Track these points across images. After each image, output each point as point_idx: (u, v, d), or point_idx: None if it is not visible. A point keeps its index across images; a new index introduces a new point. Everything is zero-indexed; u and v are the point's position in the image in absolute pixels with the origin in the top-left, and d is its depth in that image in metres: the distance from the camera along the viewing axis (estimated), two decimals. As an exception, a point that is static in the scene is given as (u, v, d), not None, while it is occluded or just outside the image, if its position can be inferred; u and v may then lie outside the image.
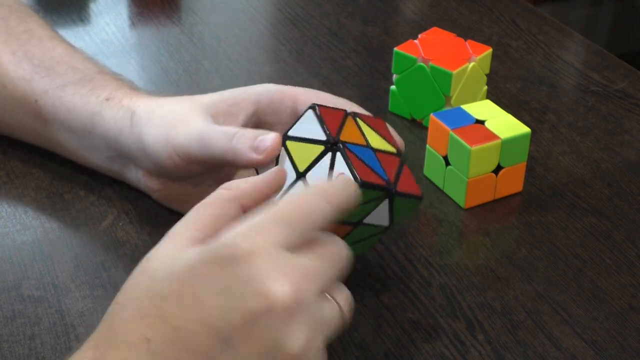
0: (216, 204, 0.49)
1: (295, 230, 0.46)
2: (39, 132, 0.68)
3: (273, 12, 0.98)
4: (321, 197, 0.48)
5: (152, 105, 0.62)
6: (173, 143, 0.59)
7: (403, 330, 0.57)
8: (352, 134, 0.55)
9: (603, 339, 0.57)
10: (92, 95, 0.64)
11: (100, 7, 0.95)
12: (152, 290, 0.46)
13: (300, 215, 0.47)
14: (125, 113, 0.62)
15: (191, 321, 0.44)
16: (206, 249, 0.46)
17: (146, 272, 0.47)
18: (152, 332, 0.44)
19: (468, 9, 0.98)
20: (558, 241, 0.65)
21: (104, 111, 0.63)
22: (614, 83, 0.85)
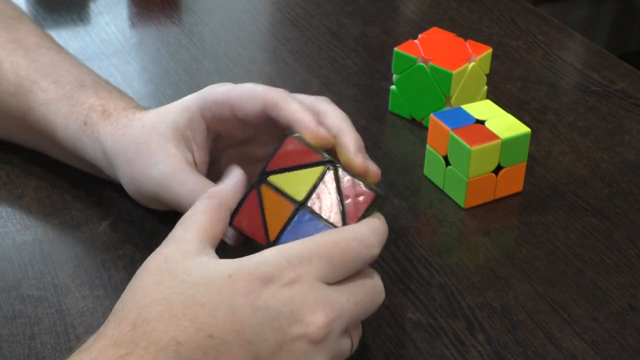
0: (210, 211, 0.51)
1: (335, 270, 0.49)
2: (33, 142, 0.68)
3: (273, 12, 0.98)
4: (360, 243, 0.49)
5: (115, 142, 0.60)
6: (143, 191, 0.60)
7: (403, 330, 0.57)
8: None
9: (603, 339, 0.57)
10: (72, 117, 0.63)
11: (100, 7, 0.95)
12: (184, 294, 0.46)
13: (342, 257, 0.49)
14: (99, 147, 0.62)
15: (226, 331, 0.45)
16: (248, 263, 0.47)
17: (174, 274, 0.47)
18: (184, 336, 0.45)
19: (468, 9, 0.98)
20: (558, 241, 0.65)
21: (83, 138, 0.63)
22: (614, 83, 0.85)
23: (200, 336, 0.45)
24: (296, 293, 0.47)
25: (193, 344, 0.45)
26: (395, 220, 0.67)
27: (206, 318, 0.45)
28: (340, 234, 0.49)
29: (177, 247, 0.49)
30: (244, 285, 0.46)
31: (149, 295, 0.46)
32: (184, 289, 0.46)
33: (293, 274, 0.47)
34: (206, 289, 0.46)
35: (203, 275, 0.47)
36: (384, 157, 0.74)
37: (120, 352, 0.44)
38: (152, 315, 0.45)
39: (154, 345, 0.44)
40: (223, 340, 0.45)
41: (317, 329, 0.47)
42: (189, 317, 0.45)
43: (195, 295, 0.46)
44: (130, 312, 0.46)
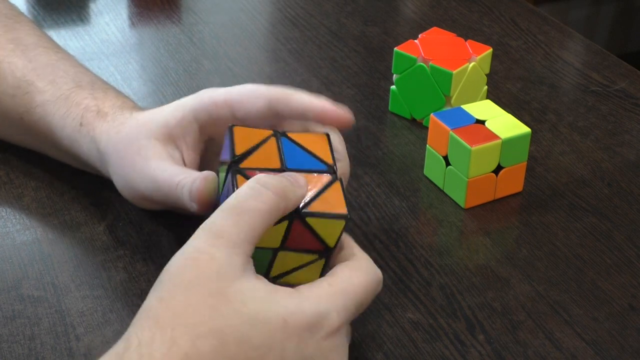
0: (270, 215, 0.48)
1: (359, 312, 0.51)
2: (31, 143, 0.68)
3: (273, 12, 0.98)
4: (378, 283, 0.52)
5: (110, 141, 0.61)
6: (134, 189, 0.60)
7: (403, 330, 0.57)
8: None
9: (603, 339, 0.57)
10: (69, 118, 0.63)
11: (100, 7, 0.95)
12: (240, 331, 0.45)
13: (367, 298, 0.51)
14: (94, 147, 0.62)
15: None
16: (302, 309, 0.47)
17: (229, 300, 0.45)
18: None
19: (468, 9, 0.98)
20: (558, 241, 0.65)
21: (80, 140, 0.63)
22: (614, 83, 0.85)
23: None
24: (332, 343, 0.48)
25: None
26: (395, 220, 0.66)
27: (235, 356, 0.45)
28: (366, 277, 0.51)
29: (229, 257, 0.46)
30: (297, 332, 0.47)
31: (204, 324, 0.44)
32: (239, 324, 0.45)
33: (337, 323, 0.48)
34: (262, 329, 0.46)
35: (259, 311, 0.46)
36: (384, 157, 0.74)
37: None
38: (207, 348, 0.44)
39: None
40: None
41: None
42: (241, 357, 0.45)
43: (250, 334, 0.45)
44: (183, 338, 0.44)
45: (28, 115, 0.65)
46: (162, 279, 0.46)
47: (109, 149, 0.61)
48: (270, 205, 0.48)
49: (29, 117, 0.65)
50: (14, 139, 0.69)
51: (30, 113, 0.65)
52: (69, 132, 0.63)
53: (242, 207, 0.47)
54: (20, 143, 0.70)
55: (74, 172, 0.68)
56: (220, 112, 0.58)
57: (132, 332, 0.45)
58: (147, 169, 0.58)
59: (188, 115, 0.59)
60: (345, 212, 0.51)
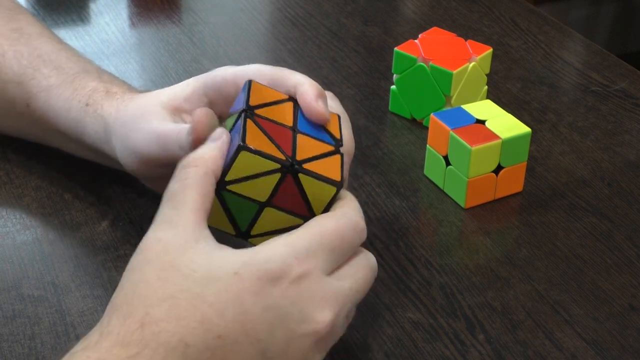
0: (198, 184, 0.49)
1: (337, 259, 0.49)
2: (34, 133, 0.68)
3: (273, 12, 0.98)
4: (354, 230, 0.50)
5: (118, 112, 0.61)
6: (134, 150, 0.59)
7: (403, 330, 0.57)
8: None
9: (604, 339, 0.57)
10: (74, 100, 0.63)
11: (100, 7, 0.95)
12: (190, 292, 0.45)
13: (341, 247, 0.49)
14: (100, 124, 0.62)
15: (235, 332, 0.45)
16: (255, 259, 0.46)
17: (178, 269, 0.46)
18: (192, 337, 0.44)
19: (468, 9, 0.98)
20: (558, 241, 0.65)
21: (85, 119, 0.63)
22: (614, 83, 0.85)
23: (208, 337, 0.45)
24: (304, 291, 0.47)
25: (201, 345, 0.44)
26: (395, 220, 0.66)
27: (215, 318, 0.45)
28: (337, 222, 0.49)
29: (174, 234, 0.47)
30: (252, 283, 0.46)
31: (155, 294, 0.45)
32: (190, 286, 0.46)
33: (301, 270, 0.47)
34: (214, 286, 0.46)
35: (209, 270, 0.46)
36: (384, 157, 0.74)
37: (129, 352, 0.44)
38: (160, 314, 0.45)
39: (163, 346, 0.44)
40: (232, 340, 0.45)
41: (325, 326, 0.47)
42: (197, 317, 0.45)
43: (203, 293, 0.45)
44: (137, 310, 0.45)
45: (33, 102, 0.65)
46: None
47: (116, 121, 0.60)
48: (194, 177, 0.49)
49: (33, 103, 0.65)
50: (16, 130, 0.69)
51: (35, 99, 0.65)
52: (73, 114, 0.63)
53: (170, 191, 0.50)
54: (22, 134, 0.69)
55: (74, 172, 0.68)
56: (229, 89, 0.58)
57: None
58: (149, 126, 0.58)
59: (198, 90, 0.59)
60: (338, 179, 0.51)
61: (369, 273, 0.51)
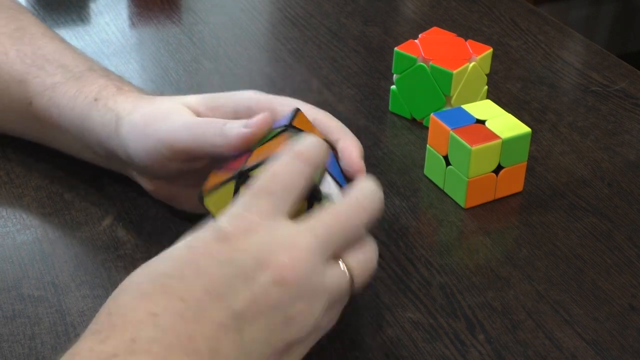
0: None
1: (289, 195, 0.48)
2: (36, 133, 0.68)
3: (273, 12, 0.98)
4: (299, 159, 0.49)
5: (135, 106, 0.61)
6: (155, 136, 0.58)
7: (403, 330, 0.57)
8: None
9: (604, 339, 0.57)
10: (80, 96, 0.63)
11: (100, 7, 0.95)
12: (152, 272, 0.46)
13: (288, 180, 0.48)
14: (111, 117, 0.61)
15: (196, 291, 0.45)
16: (204, 229, 0.47)
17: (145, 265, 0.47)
18: (158, 307, 0.44)
19: (468, 9, 0.98)
20: (558, 241, 0.65)
21: (92, 113, 0.62)
22: (614, 83, 0.85)
23: (173, 303, 0.44)
24: (255, 239, 0.46)
25: (168, 312, 0.44)
26: (395, 220, 0.66)
27: (175, 284, 0.45)
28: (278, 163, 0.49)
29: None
30: (203, 248, 0.46)
31: (120, 287, 0.46)
32: (148, 270, 0.46)
33: (246, 222, 0.47)
34: (171, 261, 0.46)
35: (167, 252, 0.47)
36: (384, 157, 0.74)
37: (100, 337, 0.44)
38: (125, 299, 0.45)
39: (130, 322, 0.44)
40: (196, 300, 0.45)
41: (287, 269, 0.46)
42: (160, 289, 0.45)
43: (163, 269, 0.46)
44: (107, 304, 0.46)
45: (37, 100, 0.65)
46: None
47: (134, 114, 0.60)
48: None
49: (37, 101, 0.65)
50: (17, 130, 0.69)
51: (39, 97, 0.65)
52: (79, 110, 0.63)
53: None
54: (23, 134, 0.69)
55: (74, 172, 0.68)
56: (261, 108, 0.59)
57: None
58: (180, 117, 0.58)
59: (228, 103, 0.60)
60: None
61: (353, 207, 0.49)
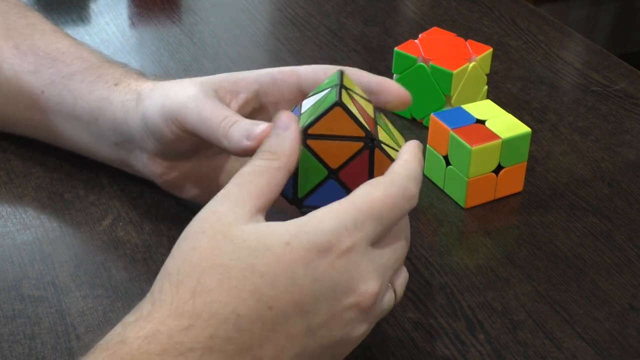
0: (268, 173, 0.49)
1: (384, 228, 0.49)
2: (43, 124, 0.67)
3: (273, 12, 0.98)
4: (404, 197, 0.49)
5: (157, 85, 0.61)
6: (169, 108, 0.58)
7: (403, 330, 0.57)
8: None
9: (604, 339, 0.57)
10: (100, 82, 0.64)
11: (100, 7, 0.95)
12: (242, 261, 0.45)
13: (390, 214, 0.49)
14: (132, 95, 0.62)
15: (285, 303, 0.45)
16: (305, 230, 0.46)
17: (230, 239, 0.46)
18: (244, 308, 0.44)
19: (468, 9, 0.98)
20: (558, 241, 0.65)
21: (112, 95, 0.63)
22: (614, 83, 0.85)
23: (260, 308, 0.45)
24: (351, 262, 0.47)
25: (253, 316, 0.45)
26: (395, 220, 0.66)
27: (266, 289, 0.45)
28: (385, 191, 0.49)
29: (231, 208, 0.47)
30: (303, 254, 0.46)
31: (206, 260, 0.45)
32: (241, 256, 0.46)
33: (349, 242, 0.47)
34: (265, 256, 0.46)
35: (259, 240, 0.46)
36: (384, 157, 0.74)
37: (182, 324, 0.44)
38: (212, 284, 0.45)
39: (215, 317, 0.44)
40: (282, 311, 0.45)
41: (369, 297, 0.47)
42: (249, 287, 0.45)
43: (254, 263, 0.45)
44: (188, 277, 0.45)
45: (50, 88, 0.65)
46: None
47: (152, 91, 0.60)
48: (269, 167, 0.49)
49: (50, 90, 0.65)
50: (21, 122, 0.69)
51: (52, 85, 0.65)
52: (97, 95, 0.63)
53: (240, 172, 0.50)
54: (27, 126, 0.69)
55: (74, 172, 0.68)
56: (286, 78, 0.59)
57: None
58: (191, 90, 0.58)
59: (251, 75, 0.60)
60: None
61: (405, 241, 0.51)
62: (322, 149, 0.52)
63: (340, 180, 0.52)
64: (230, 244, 0.46)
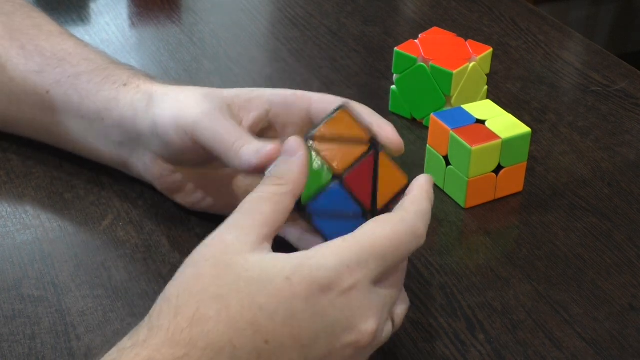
0: (274, 200, 0.49)
1: (387, 267, 0.49)
2: (46, 124, 0.67)
3: (273, 12, 0.98)
4: (412, 235, 0.49)
5: (169, 89, 0.61)
6: (183, 122, 0.58)
7: (403, 330, 0.57)
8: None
9: (604, 339, 0.57)
10: (108, 83, 0.64)
11: (100, 7, 0.95)
12: (241, 292, 0.45)
13: (395, 252, 0.49)
14: (142, 96, 0.62)
15: (283, 336, 0.45)
16: (307, 264, 0.46)
17: (232, 269, 0.46)
18: (241, 339, 0.44)
19: (468, 9, 0.98)
20: (558, 241, 0.65)
21: (120, 95, 0.63)
22: (614, 83, 0.85)
23: (257, 340, 0.45)
24: (353, 300, 0.47)
25: (249, 347, 0.45)
26: (395, 220, 0.66)
27: (264, 322, 0.45)
28: (393, 228, 0.49)
29: (237, 237, 0.47)
30: (303, 289, 0.46)
31: (207, 290, 0.45)
32: (241, 286, 0.45)
33: (351, 280, 0.47)
34: (265, 288, 0.46)
35: (262, 271, 0.46)
36: (384, 157, 0.74)
37: (177, 353, 0.44)
38: (211, 313, 0.45)
39: (211, 347, 0.44)
40: (279, 344, 0.45)
41: (369, 336, 0.47)
42: (247, 319, 0.45)
43: (254, 294, 0.45)
44: (187, 305, 0.45)
45: (56, 87, 0.65)
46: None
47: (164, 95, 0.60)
48: (275, 193, 0.49)
49: (57, 89, 0.65)
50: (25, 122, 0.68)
51: (59, 85, 0.65)
52: (105, 94, 0.63)
53: (247, 199, 0.50)
54: (30, 126, 0.69)
55: (74, 172, 0.68)
56: (298, 102, 0.59)
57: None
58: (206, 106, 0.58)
59: (265, 95, 0.60)
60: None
61: (403, 274, 0.51)
62: (327, 151, 0.52)
63: (345, 184, 0.52)
64: (232, 274, 0.46)
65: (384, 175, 0.52)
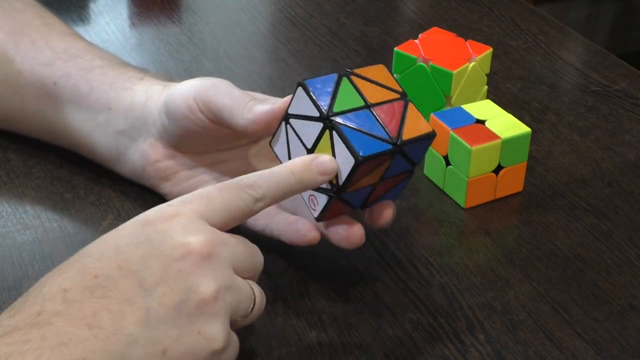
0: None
1: (215, 207, 0.50)
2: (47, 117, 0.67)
3: (273, 12, 0.98)
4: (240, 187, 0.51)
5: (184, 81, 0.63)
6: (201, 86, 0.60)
7: (403, 330, 0.57)
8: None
9: (604, 339, 0.57)
10: (124, 76, 0.65)
11: (100, 7, 0.95)
12: (77, 255, 0.48)
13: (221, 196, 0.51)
14: (157, 88, 0.63)
15: (110, 269, 0.47)
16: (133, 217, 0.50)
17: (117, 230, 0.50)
18: (69, 282, 0.46)
19: (468, 9, 0.98)
20: (558, 241, 0.65)
21: (135, 87, 0.64)
22: (614, 83, 0.85)
23: (85, 279, 0.46)
24: (176, 223, 0.48)
25: (79, 287, 0.46)
26: (395, 220, 0.66)
27: (92, 263, 0.47)
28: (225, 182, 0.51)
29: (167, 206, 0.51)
30: (127, 228, 0.49)
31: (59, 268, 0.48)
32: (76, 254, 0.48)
33: (173, 210, 0.49)
34: (95, 244, 0.48)
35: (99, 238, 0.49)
36: (384, 157, 0.74)
37: (10, 313, 0.45)
38: (44, 279, 0.47)
39: (41, 297, 0.45)
40: (107, 276, 0.46)
41: (200, 246, 0.48)
42: (77, 267, 0.47)
43: (83, 251, 0.48)
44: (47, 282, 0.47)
45: (65, 80, 0.66)
46: None
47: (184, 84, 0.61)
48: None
49: (64, 81, 0.66)
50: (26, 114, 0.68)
51: (69, 77, 0.66)
52: (119, 85, 0.64)
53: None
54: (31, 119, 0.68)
55: (74, 172, 0.68)
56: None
57: None
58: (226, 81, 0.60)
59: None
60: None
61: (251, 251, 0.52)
62: (362, 86, 0.55)
63: (374, 113, 0.55)
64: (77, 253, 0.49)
65: (410, 119, 0.55)
